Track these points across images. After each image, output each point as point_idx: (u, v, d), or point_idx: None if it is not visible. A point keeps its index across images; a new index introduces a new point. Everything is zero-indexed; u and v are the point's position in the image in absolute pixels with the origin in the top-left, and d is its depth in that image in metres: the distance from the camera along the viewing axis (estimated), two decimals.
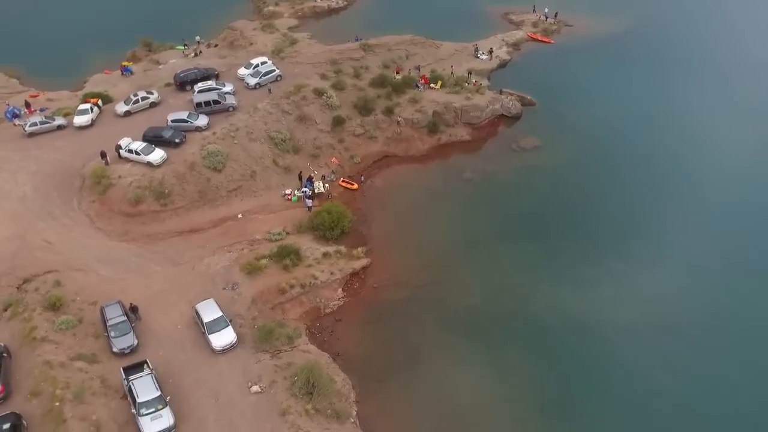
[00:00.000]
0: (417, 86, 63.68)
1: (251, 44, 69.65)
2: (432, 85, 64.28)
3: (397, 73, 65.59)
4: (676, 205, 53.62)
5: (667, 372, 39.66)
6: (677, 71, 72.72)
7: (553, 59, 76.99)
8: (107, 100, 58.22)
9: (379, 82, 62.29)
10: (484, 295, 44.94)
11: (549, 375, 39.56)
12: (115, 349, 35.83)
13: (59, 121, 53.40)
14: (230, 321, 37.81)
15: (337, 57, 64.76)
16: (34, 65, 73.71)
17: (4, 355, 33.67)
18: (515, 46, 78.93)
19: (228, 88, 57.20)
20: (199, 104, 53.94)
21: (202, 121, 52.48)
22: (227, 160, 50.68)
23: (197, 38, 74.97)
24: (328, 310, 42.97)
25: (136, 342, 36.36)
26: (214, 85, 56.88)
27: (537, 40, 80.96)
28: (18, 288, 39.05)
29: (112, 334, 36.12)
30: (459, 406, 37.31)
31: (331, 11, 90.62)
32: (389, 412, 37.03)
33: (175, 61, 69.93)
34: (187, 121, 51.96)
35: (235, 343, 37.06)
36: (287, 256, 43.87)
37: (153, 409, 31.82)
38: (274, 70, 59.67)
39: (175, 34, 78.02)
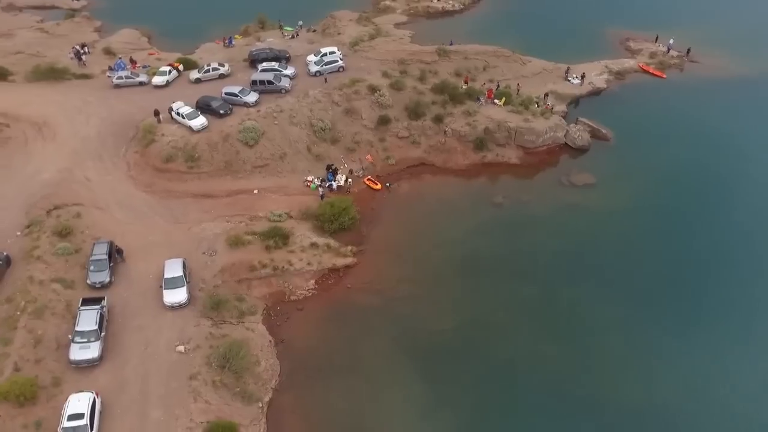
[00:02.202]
0: (478, 99, 61.53)
1: (339, 34, 72.13)
2: (496, 100, 61.66)
3: (466, 83, 63.90)
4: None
5: None
6: None
7: (655, 96, 69.55)
8: (192, 66, 64.39)
9: (440, 88, 61.26)
10: (455, 326, 42.90)
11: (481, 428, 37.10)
12: (88, 281, 40.56)
13: (141, 78, 60.58)
14: (188, 282, 40.71)
15: (408, 57, 64.74)
16: (165, 27, 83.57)
17: (1, 263, 39.90)
18: (619, 75, 72.42)
19: (289, 71, 60.30)
20: (254, 82, 57.65)
21: (252, 97, 56.09)
22: (261, 137, 53.74)
23: (299, 23, 79.31)
24: (293, 297, 44.12)
25: (108, 279, 40.75)
26: (277, 67, 60.23)
27: (648, 73, 73.43)
28: (48, 212, 45.57)
29: (91, 268, 40.88)
30: (368, 428, 36.57)
31: (445, 13, 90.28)
32: (303, 408, 37.31)
33: (272, 40, 74.85)
34: (237, 96, 55.91)
35: (184, 303, 39.90)
36: (273, 238, 45.72)
37: (85, 340, 35.70)
38: (337, 61, 61.50)
39: (293, 15, 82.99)
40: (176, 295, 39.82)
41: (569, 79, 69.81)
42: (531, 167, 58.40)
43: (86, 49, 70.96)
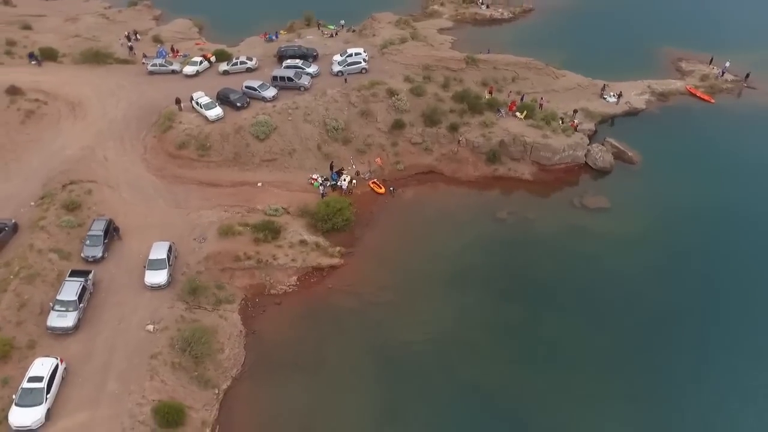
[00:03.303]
0: (498, 111, 60.13)
1: (373, 35, 72.44)
2: (517, 113, 60.02)
3: (490, 93, 62.62)
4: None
5: None
6: None
7: (698, 122, 65.53)
8: (225, 58, 66.63)
9: (460, 97, 60.37)
10: (427, 339, 42.24)
11: None
12: (82, 255, 43.12)
13: (174, 66, 63.50)
14: (170, 265, 42.44)
15: (433, 64, 64.15)
16: (218, 19, 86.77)
17: (5, 229, 43.12)
18: (662, 96, 68.73)
19: (311, 69, 61.30)
20: (275, 78, 59.08)
21: (270, 92, 57.52)
22: (273, 132, 55.04)
23: (341, 22, 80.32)
24: (273, 291, 44.94)
25: (100, 255, 43.15)
26: (300, 65, 61.39)
27: (695, 96, 69.12)
28: (63, 187, 48.74)
29: (87, 242, 43.44)
30: (315, 429, 36.76)
31: (493, 21, 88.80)
32: (258, 400, 37.92)
33: (311, 38, 76.22)
34: (256, 90, 57.51)
35: (164, 285, 41.62)
36: (263, 231, 46.79)
37: (63, 309, 37.96)
38: (360, 63, 61.88)
39: (342, 14, 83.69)
40: (157, 277, 41.61)
41: (605, 96, 66.89)
42: (544, 185, 56.46)
43: (137, 36, 75.14)
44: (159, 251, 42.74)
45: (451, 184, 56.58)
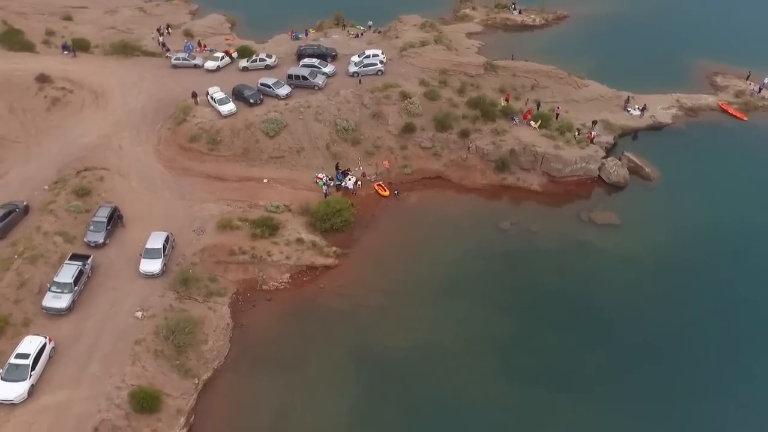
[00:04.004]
0: (512, 119, 59.10)
1: (396, 37, 72.34)
2: (532, 122, 58.84)
3: (506, 100, 61.61)
4: None
5: None
6: None
7: (727, 140, 62.92)
8: (248, 54, 67.70)
9: (474, 103, 59.64)
10: (412, 345, 41.89)
11: None
12: (85, 239, 44.76)
13: (196, 61, 65.10)
14: (165, 255, 43.59)
15: (451, 68, 63.57)
16: (251, 15, 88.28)
17: (17, 210, 45.20)
18: (691, 111, 66.14)
19: (327, 69, 61.74)
20: (289, 76, 59.80)
21: (284, 90, 58.26)
22: (283, 130, 55.72)
23: (369, 23, 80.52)
24: (264, 287, 45.52)
25: (102, 241, 44.67)
26: (317, 64, 61.89)
27: (726, 113, 66.21)
28: (77, 173, 50.72)
29: (90, 228, 45.06)
30: (289, 426, 37.03)
31: (524, 27, 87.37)
32: (237, 393, 38.40)
33: (336, 37, 76.76)
34: (270, 87, 58.35)
35: (158, 274, 42.76)
36: (261, 227, 47.45)
37: (59, 290, 39.50)
38: (376, 65, 61.91)
39: (374, 14, 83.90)
40: (151, 265, 42.81)
41: (628, 109, 64.84)
42: (552, 197, 55.19)
43: (168, 30, 77.37)
44: (156, 241, 43.94)
45: (457, 191, 55.97)
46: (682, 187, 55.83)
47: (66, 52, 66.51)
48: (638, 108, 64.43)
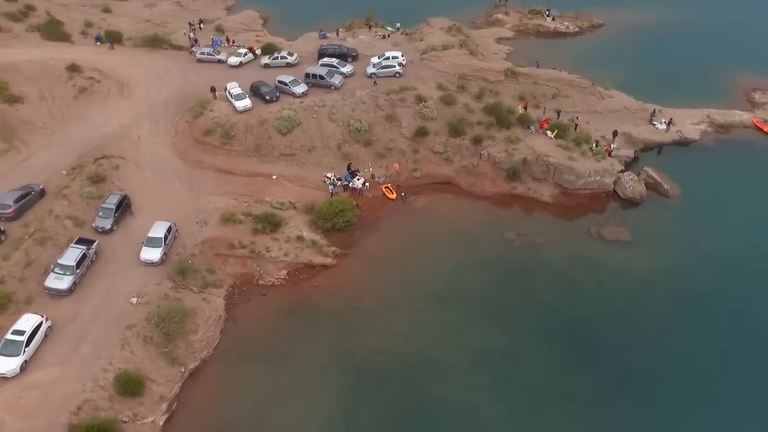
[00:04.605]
0: (528, 127, 57.96)
1: (421, 40, 71.90)
2: (548, 132, 57.55)
3: (525, 108, 60.49)
4: None
5: None
6: None
7: (757, 159, 60.75)
8: (272, 51, 68.54)
9: (491, 109, 58.80)
10: (400, 351, 41.81)
11: None
12: (93, 225, 46.40)
13: (220, 56, 66.49)
14: (166, 245, 44.71)
15: (470, 73, 62.83)
16: (285, 12, 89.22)
17: (32, 193, 47.23)
18: (722, 128, 63.43)
19: (345, 69, 62.00)
20: (307, 75, 60.36)
21: (300, 89, 58.86)
22: (296, 128, 56.31)
23: (397, 24, 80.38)
24: (261, 282, 46.11)
25: (109, 227, 46.21)
26: (335, 64, 62.25)
27: (761, 131, 63.22)
28: (95, 160, 52.60)
29: (99, 214, 46.65)
30: (269, 421, 37.40)
31: (556, 34, 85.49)
32: (221, 384, 39.17)
33: (363, 38, 76.96)
34: (287, 85, 59.08)
35: (157, 262, 43.93)
36: (263, 223, 48.13)
37: (61, 272, 41.08)
38: (394, 67, 61.78)
39: (407, 15, 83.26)
40: (151, 254, 44.01)
41: (654, 122, 62.65)
42: (563, 209, 53.88)
43: (200, 25, 79.27)
44: (158, 230, 45.14)
45: (466, 198, 55.31)
46: (702, 207, 53.60)
47: (98, 43, 69.04)
48: (664, 122, 62.20)
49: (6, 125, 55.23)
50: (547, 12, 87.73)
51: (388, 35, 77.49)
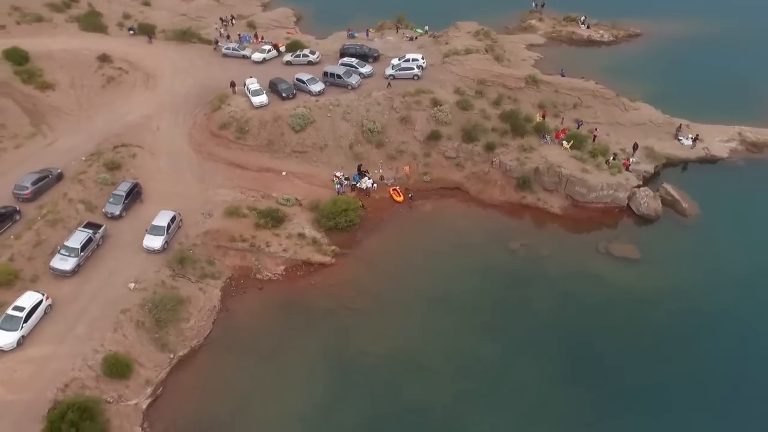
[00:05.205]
0: (544, 136, 56.74)
1: (446, 43, 71.34)
2: (564, 142, 56.18)
3: (543, 117, 59.24)
4: None
5: None
6: None
7: None
8: (295, 49, 69.39)
9: (507, 116, 57.86)
10: (387, 353, 41.64)
11: None
12: (103, 210, 48.12)
13: (245, 52, 67.74)
14: (168, 234, 45.89)
15: (490, 79, 61.93)
16: (319, 10, 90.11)
17: (50, 176, 49.31)
18: (754, 146, 60.64)
19: (364, 69, 62.20)
20: (325, 74, 60.83)
21: (317, 87, 59.38)
22: (309, 125, 56.86)
23: (425, 27, 79.98)
24: (258, 276, 46.73)
25: (118, 213, 47.79)
26: (354, 64, 62.49)
27: None
28: (114, 148, 54.53)
29: (110, 200, 48.31)
30: (249, 413, 37.91)
31: (590, 43, 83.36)
32: (208, 373, 39.95)
33: (391, 39, 76.95)
34: (304, 83, 59.69)
35: (158, 250, 45.16)
36: (266, 218, 48.81)
37: (67, 254, 42.75)
38: (412, 69, 61.59)
39: (440, 18, 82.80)
40: (153, 241, 45.29)
41: (680, 138, 60.30)
42: (572, 222, 52.56)
43: (232, 21, 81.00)
44: (162, 219, 46.40)
45: (473, 205, 54.66)
46: (721, 228, 51.24)
47: (131, 32, 71.44)
48: (690, 137, 59.75)
49: (36, 110, 57.87)
50: (582, 19, 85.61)
51: (416, 37, 77.31)
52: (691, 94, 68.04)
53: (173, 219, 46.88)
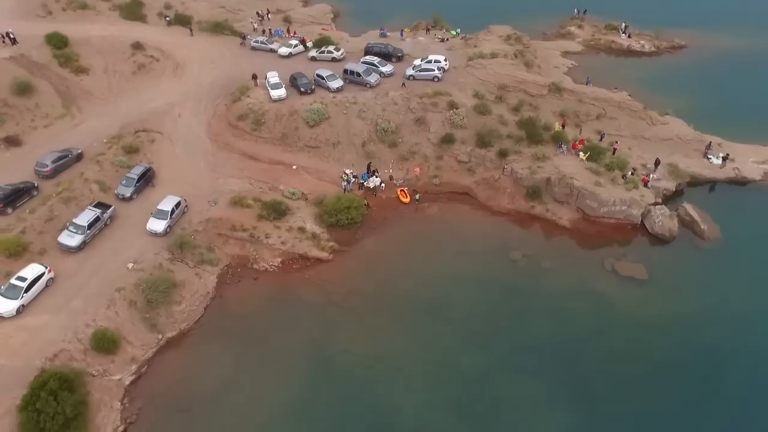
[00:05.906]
0: (560, 146, 55.14)
1: (475, 47, 70.37)
2: (580, 153, 54.43)
3: (563, 126, 57.60)
4: None
5: None
6: None
7: None
8: (322, 45, 69.95)
9: (524, 123, 56.55)
10: (371, 354, 41.50)
11: None
12: (115, 191, 50.01)
13: (272, 46, 68.84)
14: (172, 218, 47.22)
15: (511, 84, 60.64)
16: (357, 8, 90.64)
17: (69, 156, 51.60)
18: None
19: (385, 68, 62.08)
20: (345, 71, 61.07)
21: (335, 84, 59.72)
22: (324, 121, 57.27)
23: (458, 30, 79.18)
24: (255, 266, 47.47)
25: (129, 195, 49.54)
26: (376, 63, 62.45)
27: None
28: (135, 132, 56.58)
29: (123, 182, 50.14)
30: (230, 402, 38.58)
31: (629, 53, 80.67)
32: (192, 355, 40.97)
33: (422, 39, 76.66)
34: (323, 79, 60.15)
35: (160, 233, 46.54)
36: (268, 209, 49.50)
37: (74, 231, 44.70)
38: (432, 71, 61.04)
39: (479, 20, 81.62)
40: (156, 225, 46.70)
41: (709, 156, 57.36)
42: (580, 236, 50.88)
43: (268, 15, 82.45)
44: (167, 203, 47.79)
45: (480, 211, 53.74)
46: (741, 255, 48.52)
47: (166, 19, 73.80)
48: (720, 156, 56.75)
49: (68, 92, 60.61)
50: (624, 28, 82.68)
51: (447, 39, 76.64)
52: (729, 112, 64.67)
53: (178, 204, 48.19)
